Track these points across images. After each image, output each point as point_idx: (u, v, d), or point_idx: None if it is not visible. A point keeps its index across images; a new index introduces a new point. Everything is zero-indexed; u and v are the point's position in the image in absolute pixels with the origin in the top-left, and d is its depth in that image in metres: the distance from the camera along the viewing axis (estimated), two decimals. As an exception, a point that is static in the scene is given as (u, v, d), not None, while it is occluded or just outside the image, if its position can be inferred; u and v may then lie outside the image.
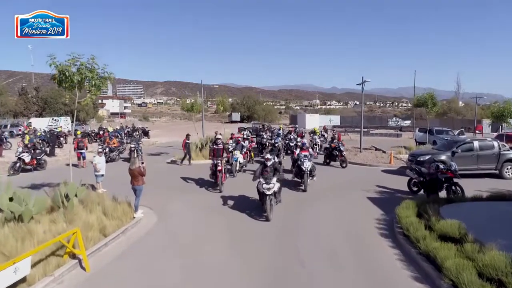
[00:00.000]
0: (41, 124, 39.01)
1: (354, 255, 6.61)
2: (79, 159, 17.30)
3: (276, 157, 14.12)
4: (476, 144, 14.26)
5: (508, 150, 14.24)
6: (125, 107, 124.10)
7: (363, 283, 5.58)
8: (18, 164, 15.26)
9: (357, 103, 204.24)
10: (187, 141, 17.73)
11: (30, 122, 39.62)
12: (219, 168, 11.52)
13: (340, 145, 17.09)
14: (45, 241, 6.21)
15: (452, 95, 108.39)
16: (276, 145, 15.74)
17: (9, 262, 4.60)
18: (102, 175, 11.52)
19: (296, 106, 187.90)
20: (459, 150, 14.00)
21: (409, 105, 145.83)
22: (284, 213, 9.21)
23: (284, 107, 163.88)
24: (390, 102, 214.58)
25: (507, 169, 13.95)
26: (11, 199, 7.40)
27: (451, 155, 13.89)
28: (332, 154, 17.32)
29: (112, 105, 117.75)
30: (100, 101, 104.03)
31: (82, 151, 17.31)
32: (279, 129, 27.92)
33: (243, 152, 15.98)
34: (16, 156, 15.49)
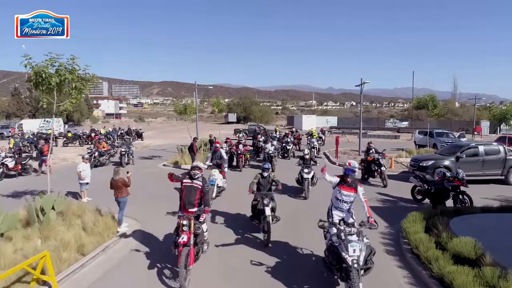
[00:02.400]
0: (33, 125, 38.11)
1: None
2: (40, 165, 15.73)
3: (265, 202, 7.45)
4: (481, 148, 13.69)
5: (514, 155, 13.67)
6: (120, 108, 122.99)
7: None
8: (1, 170, 14.48)
9: (354, 103, 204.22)
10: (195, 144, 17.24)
11: (21, 124, 38.68)
12: (183, 239, 5.63)
13: (380, 157, 13.60)
14: (14, 263, 5.54)
15: (448, 95, 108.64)
16: (267, 176, 8.19)
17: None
18: (87, 183, 10.82)
19: (292, 106, 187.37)
20: (464, 155, 13.41)
21: (406, 105, 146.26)
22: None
23: (280, 107, 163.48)
24: (387, 103, 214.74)
25: (513, 174, 13.39)
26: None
27: (455, 160, 13.32)
28: (370, 169, 13.92)
29: (108, 106, 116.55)
30: (95, 102, 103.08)
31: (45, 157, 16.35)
32: (275, 132, 27.24)
33: (225, 168, 12.15)
34: (-2, 162, 14.70)
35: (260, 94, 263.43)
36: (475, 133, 43.34)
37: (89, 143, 27.66)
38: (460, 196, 9.76)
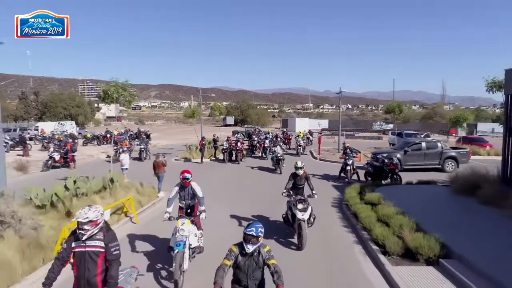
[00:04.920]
0: (47, 127, 41.88)
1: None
2: (73, 161, 19.20)
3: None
4: (423, 144, 17.78)
5: (449, 149, 17.78)
6: (120, 111, 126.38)
7: (317, 233, 8.78)
8: (49, 162, 18.35)
9: (350, 106, 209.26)
10: (203, 142, 20.96)
11: (38, 126, 42.43)
12: None
13: (347, 158, 14.97)
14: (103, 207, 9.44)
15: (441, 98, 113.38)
16: (254, 252, 3.81)
17: (101, 210, 7.83)
18: (127, 169, 14.72)
19: (289, 109, 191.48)
20: (410, 149, 17.49)
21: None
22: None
23: (277, 110, 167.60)
24: (382, 106, 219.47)
25: (447, 164, 17.45)
26: (74, 182, 10.58)
27: (404, 154, 17.37)
28: (343, 168, 15.21)
29: (108, 109, 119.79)
30: (96, 105, 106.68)
31: (74, 154, 19.66)
32: (268, 133, 31.21)
33: (203, 214, 6.79)
34: (48, 155, 18.59)
35: (257, 97, 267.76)
36: (453, 134, 47.43)
37: (105, 143, 31.57)
38: (395, 176, 13.83)
